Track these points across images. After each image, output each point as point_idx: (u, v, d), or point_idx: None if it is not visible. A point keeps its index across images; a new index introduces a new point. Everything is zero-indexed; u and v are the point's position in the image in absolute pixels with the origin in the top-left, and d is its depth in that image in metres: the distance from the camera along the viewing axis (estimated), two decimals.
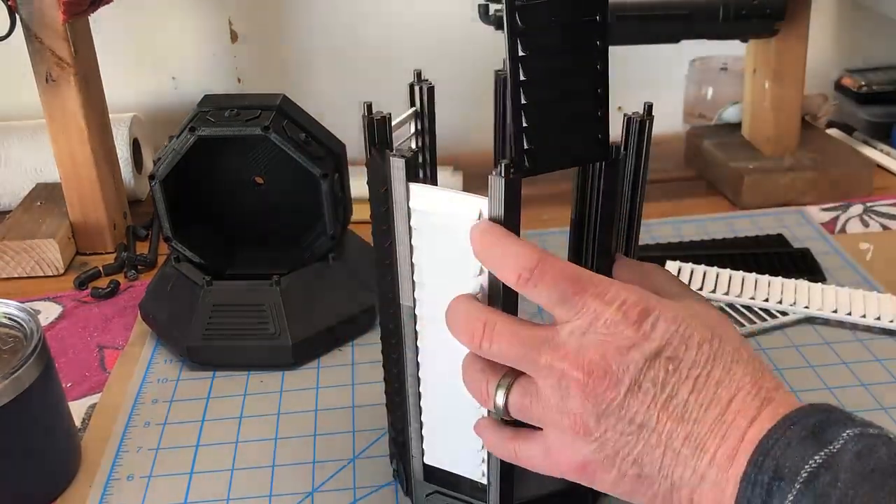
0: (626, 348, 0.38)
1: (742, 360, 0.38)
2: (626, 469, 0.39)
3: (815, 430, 0.35)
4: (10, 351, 0.54)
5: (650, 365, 0.37)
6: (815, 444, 0.34)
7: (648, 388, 0.37)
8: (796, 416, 0.36)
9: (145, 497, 0.55)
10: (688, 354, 0.38)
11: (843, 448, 0.34)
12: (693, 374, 0.38)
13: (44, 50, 0.77)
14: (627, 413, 0.38)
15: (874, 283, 0.74)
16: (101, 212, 0.83)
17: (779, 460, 0.34)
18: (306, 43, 1.03)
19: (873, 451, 0.33)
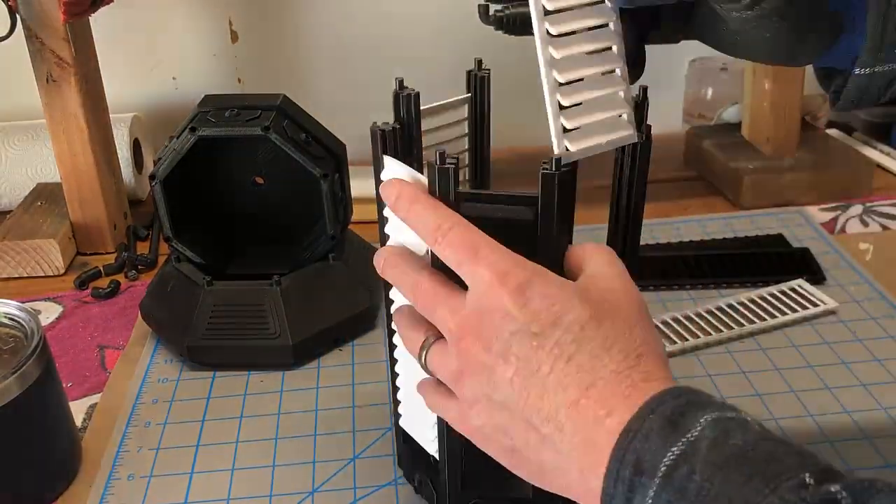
0: (500, 317, 0.38)
1: (614, 348, 0.37)
2: (502, 440, 0.39)
3: (673, 418, 0.34)
4: (10, 351, 0.54)
5: (519, 339, 0.37)
6: (673, 432, 0.33)
7: (512, 360, 0.38)
8: (654, 404, 0.35)
9: (145, 497, 0.55)
10: (553, 333, 0.37)
11: (700, 436, 0.33)
12: (555, 354, 0.37)
13: (44, 50, 0.77)
14: (496, 382, 0.38)
15: (874, 283, 0.74)
16: (102, 212, 0.84)
17: (639, 453, 0.34)
18: (306, 43, 1.03)
19: (728, 437, 0.33)
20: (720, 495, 0.31)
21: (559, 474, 0.38)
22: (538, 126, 0.76)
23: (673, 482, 0.32)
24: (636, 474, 0.33)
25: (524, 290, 0.38)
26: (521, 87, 0.97)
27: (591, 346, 0.37)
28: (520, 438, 0.38)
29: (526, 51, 0.99)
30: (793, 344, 0.67)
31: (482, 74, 0.51)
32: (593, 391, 0.36)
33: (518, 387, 0.37)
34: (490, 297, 0.38)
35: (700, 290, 0.74)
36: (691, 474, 0.32)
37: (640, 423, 0.34)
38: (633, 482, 0.33)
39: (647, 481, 0.33)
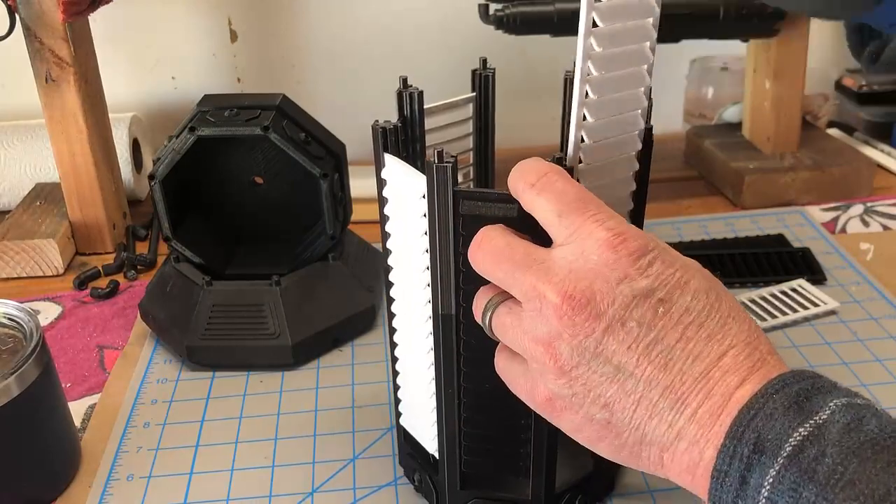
0: (616, 280, 0.35)
1: (738, 318, 0.36)
2: (595, 412, 0.36)
3: (799, 399, 0.32)
4: (9, 351, 0.54)
5: (639, 303, 0.35)
6: (799, 414, 0.32)
7: (633, 327, 0.35)
8: (779, 384, 0.33)
9: (145, 497, 0.55)
10: (682, 299, 0.35)
11: (830, 419, 0.31)
12: (685, 321, 0.35)
13: (43, 50, 0.76)
14: (605, 350, 0.35)
15: (874, 283, 0.74)
16: (101, 212, 0.83)
17: (760, 432, 0.32)
18: (306, 43, 1.03)
19: (863, 423, 0.31)
20: (857, 480, 0.29)
21: (659, 448, 0.35)
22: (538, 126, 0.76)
23: (800, 463, 0.31)
24: (756, 452, 0.32)
25: (644, 252, 0.35)
26: (521, 86, 0.97)
27: (720, 314, 0.35)
28: (623, 412, 0.35)
29: (526, 50, 0.99)
30: (793, 344, 0.67)
31: (486, 73, 0.51)
32: (726, 361, 0.34)
33: (637, 355, 0.35)
34: (605, 257, 0.35)
35: None
36: (821, 457, 0.30)
37: (764, 401, 0.33)
38: (752, 460, 0.32)
39: (769, 460, 0.31)
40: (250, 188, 0.73)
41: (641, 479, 0.55)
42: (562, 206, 0.36)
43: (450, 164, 0.40)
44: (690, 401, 0.34)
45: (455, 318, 0.43)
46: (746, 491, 0.32)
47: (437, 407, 0.47)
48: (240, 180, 0.73)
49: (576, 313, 0.35)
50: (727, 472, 0.32)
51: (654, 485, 0.54)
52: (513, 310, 0.38)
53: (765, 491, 0.31)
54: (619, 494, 0.54)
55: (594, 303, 0.35)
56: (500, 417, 0.46)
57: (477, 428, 0.47)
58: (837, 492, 0.30)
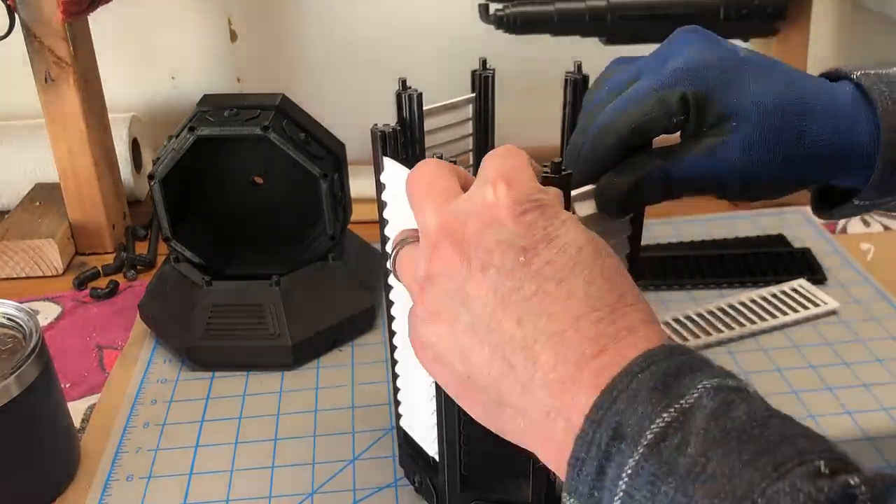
0: (486, 223, 0.34)
1: (611, 279, 0.33)
2: (455, 363, 0.34)
3: (666, 380, 0.30)
4: (9, 351, 0.54)
5: (504, 250, 0.33)
6: (665, 397, 0.29)
7: (492, 274, 0.33)
8: (646, 362, 0.30)
9: (145, 497, 0.55)
10: (546, 251, 0.33)
11: (697, 404, 0.29)
12: (544, 273, 0.32)
13: (43, 50, 0.76)
14: (466, 295, 0.33)
15: (875, 283, 0.74)
16: (101, 212, 0.83)
17: (621, 416, 0.29)
18: (306, 43, 1.03)
19: (730, 409, 0.29)
20: (718, 474, 0.27)
21: (516, 414, 0.33)
22: (538, 126, 0.76)
23: (660, 453, 0.28)
24: (615, 439, 0.29)
25: (524, 203, 0.34)
26: (521, 86, 0.97)
27: (588, 273, 0.33)
28: (479, 366, 0.33)
29: (526, 50, 0.99)
30: (794, 344, 0.67)
31: (486, 74, 0.51)
32: (584, 323, 0.32)
33: (493, 305, 0.33)
34: (484, 202, 0.34)
35: (701, 290, 0.74)
36: (683, 446, 0.28)
37: (628, 380, 0.30)
38: (611, 448, 0.29)
39: (628, 448, 0.29)
40: (250, 188, 0.73)
41: None
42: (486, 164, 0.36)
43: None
44: (542, 363, 0.32)
45: None
46: (604, 482, 0.29)
47: (437, 409, 0.47)
48: (240, 180, 0.73)
49: (445, 252, 0.34)
50: (584, 461, 0.30)
51: None
52: (409, 249, 0.37)
53: (622, 483, 0.29)
54: None
55: (462, 243, 0.34)
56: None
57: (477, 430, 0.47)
58: (697, 486, 0.27)
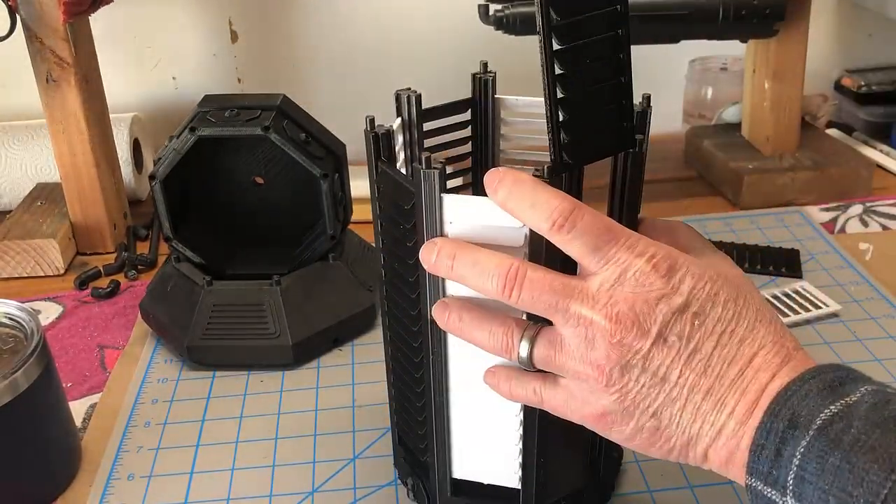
0: (654, 300, 0.38)
1: (765, 320, 0.39)
2: (645, 422, 0.39)
3: (832, 384, 0.36)
4: (10, 351, 0.54)
5: (677, 319, 0.38)
6: (832, 395, 0.35)
7: (674, 341, 0.38)
8: (815, 371, 0.37)
9: (145, 497, 0.55)
10: (714, 311, 0.39)
11: (860, 400, 0.35)
12: (718, 330, 0.38)
13: (44, 50, 0.77)
14: (651, 365, 0.38)
15: (873, 283, 0.74)
16: (102, 212, 0.84)
17: (795, 409, 0.35)
18: (306, 43, 1.03)
19: (889, 403, 0.34)
20: (877, 447, 0.33)
21: (704, 446, 0.38)
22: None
23: (828, 434, 0.34)
24: (790, 427, 0.35)
25: (674, 270, 0.39)
26: (521, 87, 0.97)
27: (748, 319, 0.39)
28: (670, 417, 0.39)
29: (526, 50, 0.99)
30: None
31: (486, 77, 0.51)
32: (757, 360, 0.38)
33: (680, 367, 0.38)
34: (641, 280, 0.38)
35: None
36: (847, 428, 0.34)
37: (800, 384, 0.36)
38: (786, 434, 0.35)
39: (801, 433, 0.35)
40: (251, 188, 0.73)
41: (640, 479, 0.55)
42: (597, 239, 0.39)
43: (437, 169, 0.39)
44: (728, 400, 0.38)
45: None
46: (780, 462, 0.35)
47: (428, 414, 0.47)
48: (240, 180, 0.73)
49: (624, 335, 0.38)
50: (764, 446, 0.36)
51: (654, 485, 0.54)
52: (553, 338, 0.40)
53: (796, 460, 0.35)
54: (618, 494, 0.54)
55: (639, 323, 0.38)
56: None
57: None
58: (860, 456, 0.33)
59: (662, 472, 0.55)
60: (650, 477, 0.55)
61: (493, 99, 0.51)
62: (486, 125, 0.52)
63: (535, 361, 0.41)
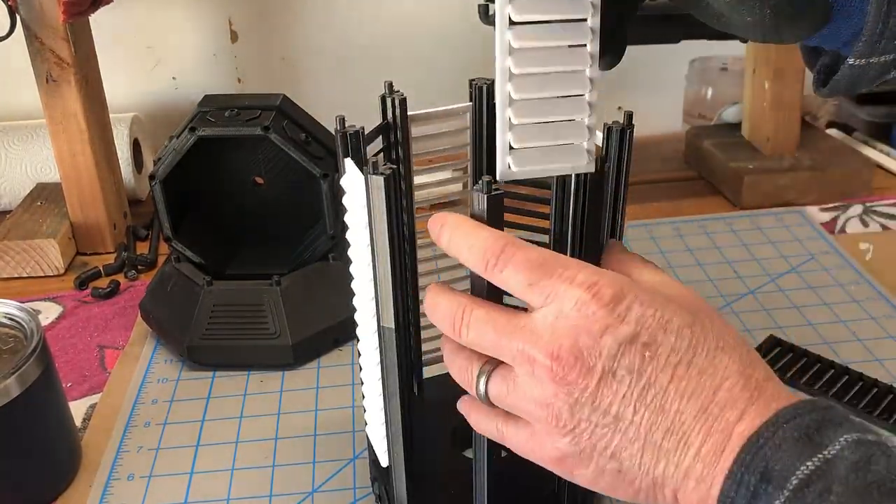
0: (598, 333, 0.35)
1: (727, 348, 0.36)
2: (605, 464, 0.36)
3: (809, 431, 0.32)
4: (10, 351, 0.54)
5: (625, 351, 0.35)
6: (808, 446, 0.32)
7: (623, 375, 0.35)
8: (790, 413, 0.33)
9: (145, 497, 0.55)
10: (666, 340, 0.35)
11: (839, 455, 0.32)
12: (672, 362, 0.35)
13: (44, 50, 0.77)
14: (602, 403, 0.35)
15: (874, 283, 0.74)
16: (102, 212, 0.84)
17: (768, 461, 0.32)
18: (306, 43, 1.03)
19: (871, 463, 0.31)
20: None
21: (672, 489, 0.36)
22: None
23: (805, 497, 0.31)
24: (763, 481, 0.32)
25: (620, 299, 0.36)
26: None
27: (707, 347, 0.36)
28: (630, 458, 0.36)
29: None
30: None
31: (482, 84, 0.49)
32: (721, 395, 0.35)
33: (633, 403, 0.35)
34: (584, 311, 0.35)
35: None
36: (826, 493, 0.31)
37: (773, 430, 0.33)
38: (758, 489, 0.32)
39: (775, 492, 0.32)
40: (251, 188, 0.73)
41: None
42: (530, 275, 0.37)
43: (384, 175, 0.39)
44: (693, 439, 0.35)
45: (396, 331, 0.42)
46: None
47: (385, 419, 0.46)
48: (240, 180, 0.73)
49: (567, 372, 0.35)
50: (734, 500, 0.33)
51: None
52: (507, 376, 0.38)
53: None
54: None
55: (582, 358, 0.35)
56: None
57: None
58: None
59: None
60: None
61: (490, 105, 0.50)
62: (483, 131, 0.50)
63: (491, 398, 0.39)
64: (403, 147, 0.48)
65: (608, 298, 0.36)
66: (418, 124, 0.48)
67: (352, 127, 0.44)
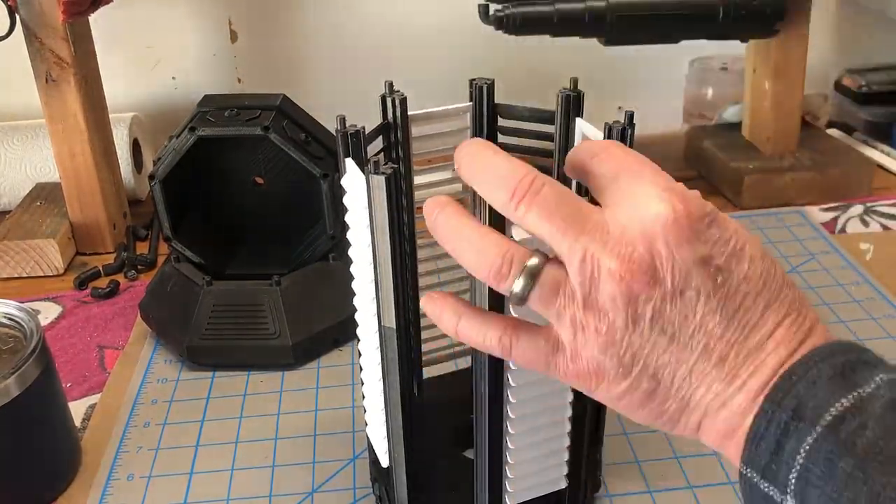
0: (675, 245, 0.33)
1: (791, 284, 0.35)
2: (641, 382, 0.34)
3: (844, 371, 0.32)
4: (10, 351, 0.54)
5: (698, 270, 0.33)
6: (843, 385, 0.31)
7: (691, 296, 0.33)
8: (825, 352, 0.33)
9: (145, 497, 0.55)
10: (739, 267, 0.34)
11: (875, 393, 0.31)
12: (743, 290, 0.34)
13: (44, 50, 0.77)
14: (661, 319, 0.33)
15: (874, 283, 0.74)
16: (101, 212, 0.83)
17: (801, 398, 0.31)
18: (306, 42, 1.03)
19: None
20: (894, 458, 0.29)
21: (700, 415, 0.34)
22: None
23: (839, 433, 0.30)
24: (794, 419, 0.31)
25: (702, 216, 0.34)
26: (521, 87, 0.97)
27: (776, 282, 0.34)
28: (671, 379, 0.34)
29: (526, 50, 0.99)
30: None
31: (482, 84, 0.49)
32: (780, 332, 0.33)
33: (694, 326, 0.33)
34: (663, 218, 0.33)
35: None
36: (861, 430, 0.30)
37: (806, 368, 0.32)
38: (789, 426, 0.31)
39: (807, 428, 0.31)
40: (250, 188, 0.73)
41: (641, 480, 0.55)
42: (620, 168, 0.35)
43: (385, 174, 0.38)
44: (742, 372, 0.33)
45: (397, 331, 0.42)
46: (781, 456, 0.31)
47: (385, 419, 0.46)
48: (240, 180, 0.73)
49: (634, 279, 0.33)
50: (763, 437, 0.32)
51: (654, 485, 0.54)
52: (556, 275, 0.34)
53: (800, 458, 0.31)
54: (619, 494, 0.54)
55: (653, 268, 0.33)
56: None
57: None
58: (876, 466, 0.29)
59: (663, 473, 0.55)
60: (650, 477, 0.55)
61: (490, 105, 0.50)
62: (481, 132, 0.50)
63: (532, 299, 0.35)
64: (404, 147, 0.48)
65: (691, 209, 0.34)
66: (418, 124, 0.48)
67: (352, 127, 0.44)
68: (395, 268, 0.41)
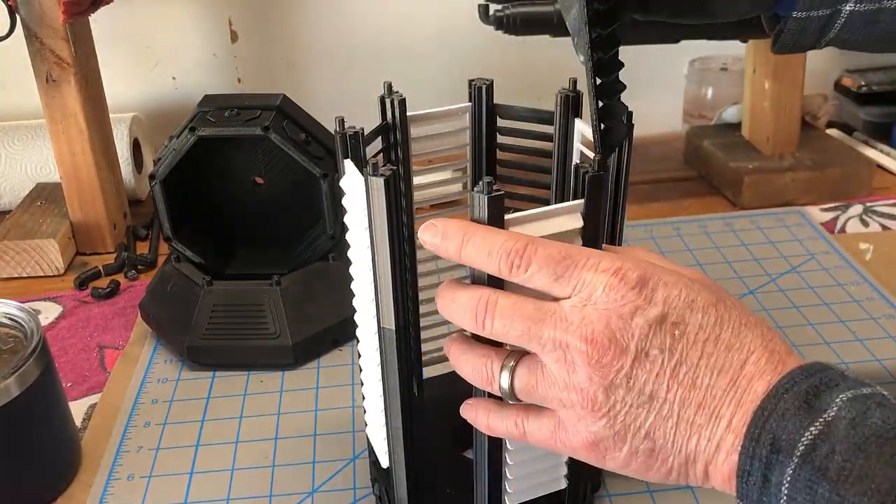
0: (628, 315, 0.36)
1: (750, 324, 0.37)
2: (638, 444, 0.37)
3: (808, 398, 0.34)
4: (10, 351, 0.54)
5: (655, 331, 0.36)
6: (809, 413, 0.34)
7: (656, 355, 0.36)
8: (788, 383, 0.35)
9: (145, 497, 0.55)
10: (693, 318, 0.37)
11: (837, 416, 0.33)
12: (701, 338, 0.37)
13: (44, 50, 0.77)
14: (636, 383, 0.36)
15: (874, 283, 0.74)
16: (102, 212, 0.84)
17: (775, 433, 0.34)
18: (306, 43, 1.03)
19: (867, 417, 0.33)
20: (863, 476, 0.31)
21: (704, 463, 0.37)
22: None
23: (813, 461, 0.33)
24: (773, 452, 0.34)
25: (645, 281, 0.37)
26: (521, 87, 0.97)
27: (732, 323, 0.37)
28: (664, 436, 0.37)
29: (526, 50, 0.99)
30: (794, 344, 0.67)
31: (481, 84, 0.49)
32: (748, 368, 0.36)
33: (666, 381, 0.36)
34: (612, 296, 0.37)
35: None
36: (831, 454, 0.32)
37: (775, 402, 0.34)
38: (770, 459, 0.34)
39: (785, 459, 0.33)
40: (251, 188, 0.73)
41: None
42: (556, 268, 0.37)
43: (384, 176, 0.39)
44: (724, 412, 0.36)
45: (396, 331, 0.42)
46: (769, 489, 0.34)
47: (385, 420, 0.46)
48: (240, 180, 0.73)
49: (602, 354, 0.36)
50: (750, 472, 0.34)
51: (655, 485, 0.54)
52: (533, 366, 0.39)
53: (784, 489, 0.33)
54: (619, 494, 0.54)
55: (615, 340, 0.36)
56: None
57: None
58: (848, 487, 0.32)
59: None
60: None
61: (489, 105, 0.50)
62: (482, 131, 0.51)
63: (517, 392, 0.39)
64: (403, 148, 0.48)
65: (634, 281, 0.37)
66: (418, 125, 0.48)
67: (351, 128, 0.44)
68: (394, 270, 0.41)
